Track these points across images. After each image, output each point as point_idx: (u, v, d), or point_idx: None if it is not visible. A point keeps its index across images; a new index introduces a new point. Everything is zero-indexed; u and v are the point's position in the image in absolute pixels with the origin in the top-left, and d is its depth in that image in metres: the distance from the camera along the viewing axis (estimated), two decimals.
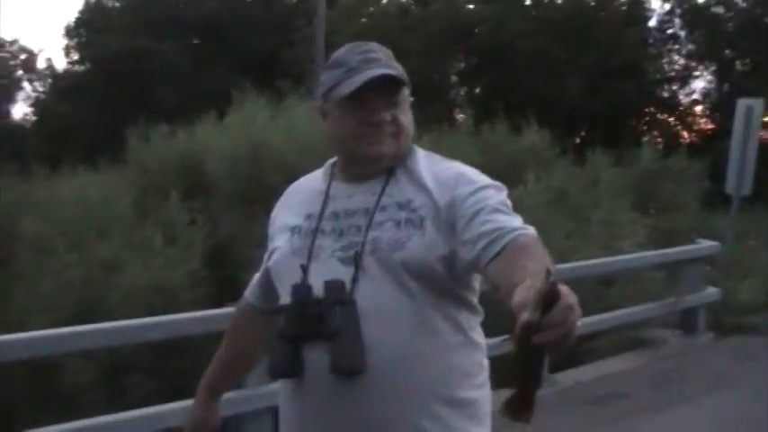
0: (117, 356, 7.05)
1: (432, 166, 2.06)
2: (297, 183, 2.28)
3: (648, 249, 9.37)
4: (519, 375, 1.53)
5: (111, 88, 29.95)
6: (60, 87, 35.45)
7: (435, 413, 1.94)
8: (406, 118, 2.06)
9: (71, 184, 11.60)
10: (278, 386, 2.13)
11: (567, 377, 7.35)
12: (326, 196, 2.10)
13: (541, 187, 10.53)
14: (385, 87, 2.00)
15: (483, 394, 2.06)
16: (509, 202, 1.97)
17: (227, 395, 4.78)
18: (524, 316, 1.42)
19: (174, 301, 7.63)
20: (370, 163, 2.05)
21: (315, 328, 1.93)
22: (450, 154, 2.15)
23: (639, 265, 8.91)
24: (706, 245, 9.17)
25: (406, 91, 2.06)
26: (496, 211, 1.90)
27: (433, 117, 14.30)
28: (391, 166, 2.05)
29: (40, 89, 38.47)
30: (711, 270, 9.63)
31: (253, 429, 5.01)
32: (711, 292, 9.15)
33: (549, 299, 1.41)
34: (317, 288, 1.96)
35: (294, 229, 2.10)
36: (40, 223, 9.41)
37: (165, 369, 6.77)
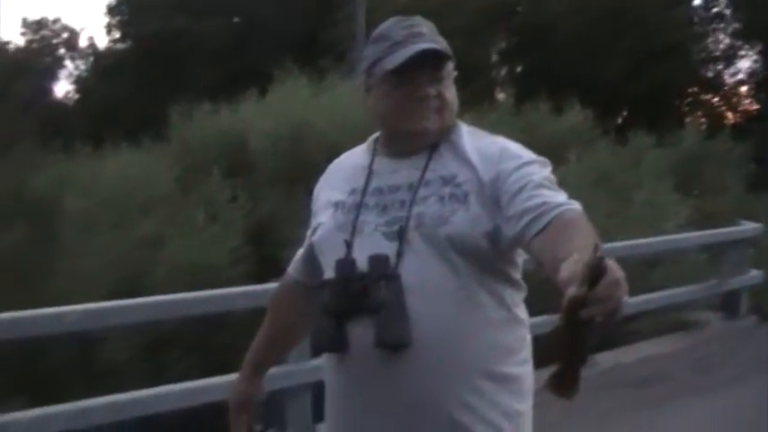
0: (159, 332, 7.12)
1: (476, 141, 2.04)
2: (339, 159, 2.27)
3: (691, 231, 9.29)
4: (564, 351, 1.51)
5: (152, 67, 30.12)
6: (102, 66, 35.72)
7: (479, 388, 1.93)
8: (451, 93, 2.04)
9: (114, 162, 11.71)
10: (320, 362, 2.13)
11: (609, 358, 7.32)
12: (370, 171, 2.09)
13: (583, 167, 10.48)
14: (429, 62, 1.98)
15: (526, 370, 2.05)
16: (554, 178, 1.96)
17: (269, 371, 4.85)
18: (571, 290, 1.40)
19: (216, 279, 7.70)
20: (415, 138, 2.03)
21: (359, 302, 1.93)
22: (491, 132, 2.13)
23: (682, 247, 8.84)
24: (749, 227, 9.07)
25: (450, 66, 2.04)
26: (541, 186, 1.89)
27: (473, 96, 14.23)
28: (435, 142, 2.04)
29: (82, 67, 38.82)
30: (755, 252, 9.52)
31: (294, 405, 5.05)
32: (754, 274, 9.05)
33: (595, 274, 1.40)
34: (361, 263, 1.95)
35: (338, 205, 2.09)
36: (83, 201, 9.52)
37: (207, 345, 6.84)
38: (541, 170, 1.96)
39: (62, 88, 71.45)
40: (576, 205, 1.86)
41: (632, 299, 7.65)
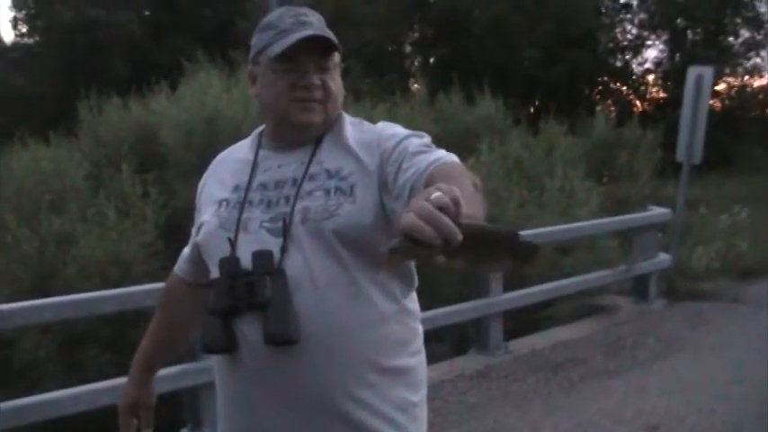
0: (73, 330, 7.01)
1: (357, 132, 2.03)
2: (223, 153, 2.23)
3: (603, 217, 9.47)
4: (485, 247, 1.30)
5: (65, 60, 29.45)
6: (10, 59, 34.86)
7: (371, 382, 1.93)
8: (336, 84, 2.02)
9: (24, 156, 11.43)
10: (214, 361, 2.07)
11: (524, 344, 7.44)
12: (254, 166, 2.07)
13: (496, 156, 10.58)
14: (316, 50, 1.97)
15: (419, 360, 2.05)
16: (430, 142, 1.93)
17: (183, 367, 4.82)
18: (390, 245, 1.28)
19: (130, 274, 7.61)
20: (299, 129, 2.01)
21: (245, 300, 1.90)
22: (405, 124, 2.10)
23: (593, 233, 9.00)
24: (657, 212, 9.29)
25: (337, 57, 2.02)
26: (415, 154, 1.86)
27: (387, 87, 14.26)
28: (320, 134, 2.02)
29: None
30: (663, 237, 9.76)
31: (209, 401, 5.00)
32: (663, 258, 9.28)
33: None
34: (246, 260, 1.92)
35: (221, 202, 2.05)
36: None
37: (122, 342, 6.75)
38: (418, 140, 1.93)
39: None
40: (448, 157, 1.83)
41: (546, 285, 7.84)
